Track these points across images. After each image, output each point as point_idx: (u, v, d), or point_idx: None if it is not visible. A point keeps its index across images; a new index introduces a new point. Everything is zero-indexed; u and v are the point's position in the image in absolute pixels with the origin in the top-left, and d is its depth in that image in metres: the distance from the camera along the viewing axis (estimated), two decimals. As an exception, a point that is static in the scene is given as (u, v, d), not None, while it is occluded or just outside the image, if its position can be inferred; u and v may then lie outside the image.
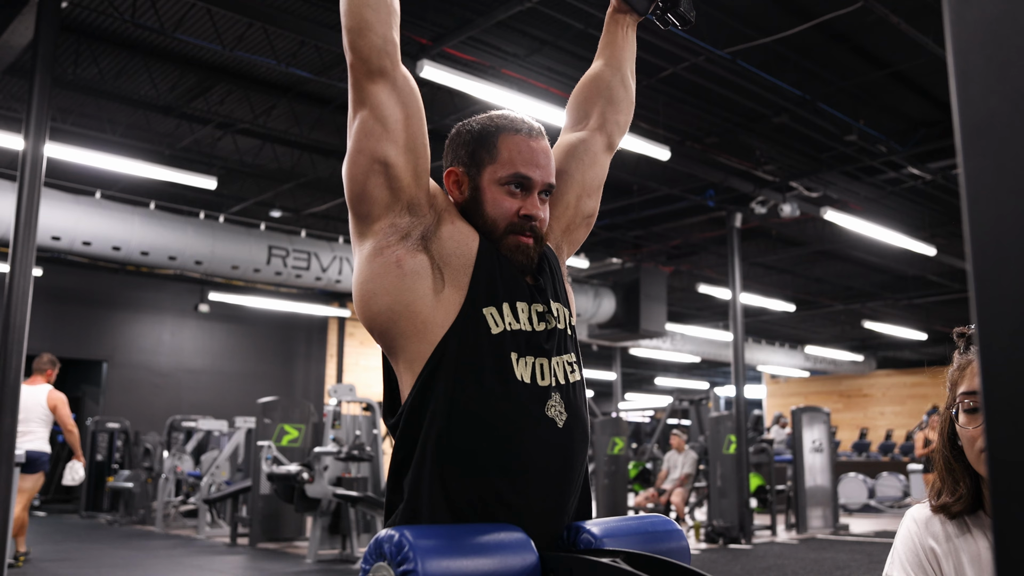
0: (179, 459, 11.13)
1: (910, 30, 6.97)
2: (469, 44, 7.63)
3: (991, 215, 0.54)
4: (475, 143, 1.61)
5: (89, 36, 7.88)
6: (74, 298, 13.94)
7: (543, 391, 1.50)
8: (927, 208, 12.05)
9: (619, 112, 1.87)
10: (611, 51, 1.89)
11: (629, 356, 20.48)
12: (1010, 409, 0.52)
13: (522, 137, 1.59)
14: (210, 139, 10.05)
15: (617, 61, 1.88)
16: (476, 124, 1.64)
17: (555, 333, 1.56)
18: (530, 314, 1.54)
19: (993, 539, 0.52)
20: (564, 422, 1.51)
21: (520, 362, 1.49)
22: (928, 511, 1.45)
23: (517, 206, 1.56)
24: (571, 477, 1.52)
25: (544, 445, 1.47)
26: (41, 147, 5.59)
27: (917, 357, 22.66)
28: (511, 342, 1.49)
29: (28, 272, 5.37)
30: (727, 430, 10.31)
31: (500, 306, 1.50)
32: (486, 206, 1.57)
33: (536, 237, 1.58)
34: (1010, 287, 0.53)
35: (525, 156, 1.58)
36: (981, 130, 0.55)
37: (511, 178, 1.56)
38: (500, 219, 1.56)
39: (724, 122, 9.41)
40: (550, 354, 1.53)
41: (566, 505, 1.52)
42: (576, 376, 1.59)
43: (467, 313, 1.47)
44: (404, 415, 1.47)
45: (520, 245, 1.56)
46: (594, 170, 1.80)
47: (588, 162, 1.79)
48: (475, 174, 1.59)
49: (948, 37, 0.57)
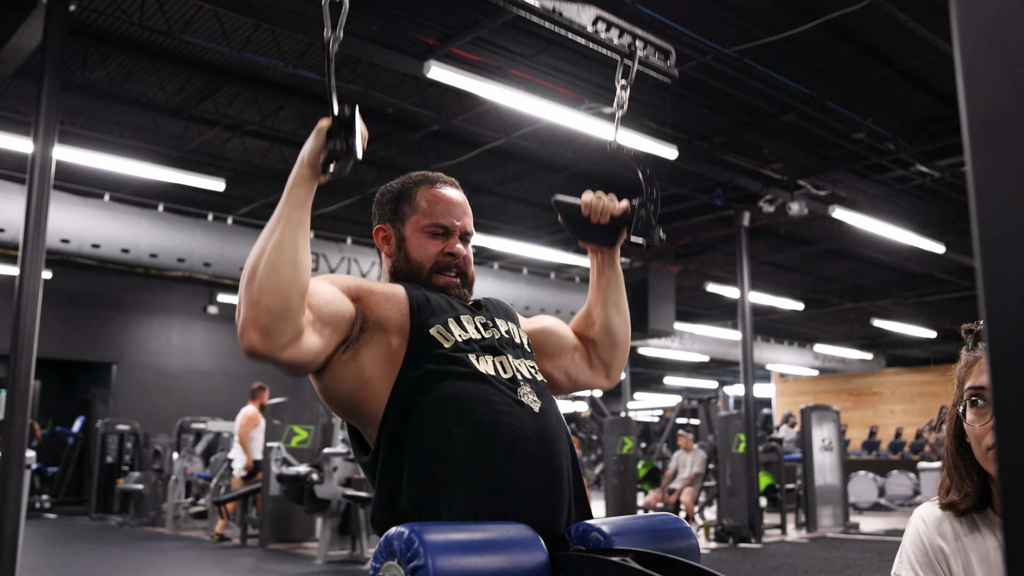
0: (189, 460, 11.16)
1: (918, 28, 6.95)
2: (476, 44, 7.63)
3: (999, 211, 0.54)
4: (397, 200, 1.74)
5: (97, 39, 7.91)
6: (83, 301, 14.00)
7: (511, 379, 1.56)
8: (936, 206, 12.01)
9: (603, 351, 1.91)
10: (593, 290, 1.96)
11: (638, 355, 20.46)
12: (1019, 407, 0.52)
13: (437, 189, 1.74)
14: (218, 141, 10.08)
15: (602, 299, 1.94)
16: (396, 184, 1.78)
17: (507, 341, 1.65)
18: (475, 325, 1.63)
19: (1003, 538, 0.52)
20: (540, 408, 1.55)
21: (480, 360, 1.56)
22: (936, 509, 1.44)
23: (440, 246, 1.70)
24: (559, 464, 1.53)
25: (524, 427, 1.50)
26: (50, 150, 5.61)
27: (926, 355, 22.59)
28: (466, 348, 1.56)
29: (38, 275, 5.39)
30: (736, 429, 10.29)
31: (445, 323, 1.58)
32: (412, 252, 1.70)
33: (461, 275, 1.71)
34: (1019, 284, 0.53)
35: (443, 206, 1.72)
36: (989, 127, 0.55)
37: (432, 226, 1.70)
38: (426, 260, 1.69)
39: (732, 121, 9.39)
40: (506, 353, 1.61)
41: (561, 492, 1.52)
42: (541, 376, 1.67)
43: (416, 338, 1.55)
44: (383, 444, 1.51)
45: (448, 285, 1.68)
46: (562, 355, 1.87)
47: (555, 344, 1.87)
48: (400, 226, 1.72)
49: (955, 34, 0.57)
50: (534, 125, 9.06)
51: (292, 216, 1.43)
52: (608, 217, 1.82)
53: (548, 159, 10.55)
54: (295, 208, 1.44)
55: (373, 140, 10.02)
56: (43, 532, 10.39)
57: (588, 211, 1.82)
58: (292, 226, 1.42)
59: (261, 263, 1.39)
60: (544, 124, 8.92)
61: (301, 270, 1.40)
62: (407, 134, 9.69)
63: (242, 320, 1.38)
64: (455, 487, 1.42)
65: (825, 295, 17.17)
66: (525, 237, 12.44)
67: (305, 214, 1.45)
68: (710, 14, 7.21)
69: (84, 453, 14.25)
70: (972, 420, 1.35)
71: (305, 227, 1.45)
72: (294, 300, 1.38)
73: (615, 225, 1.84)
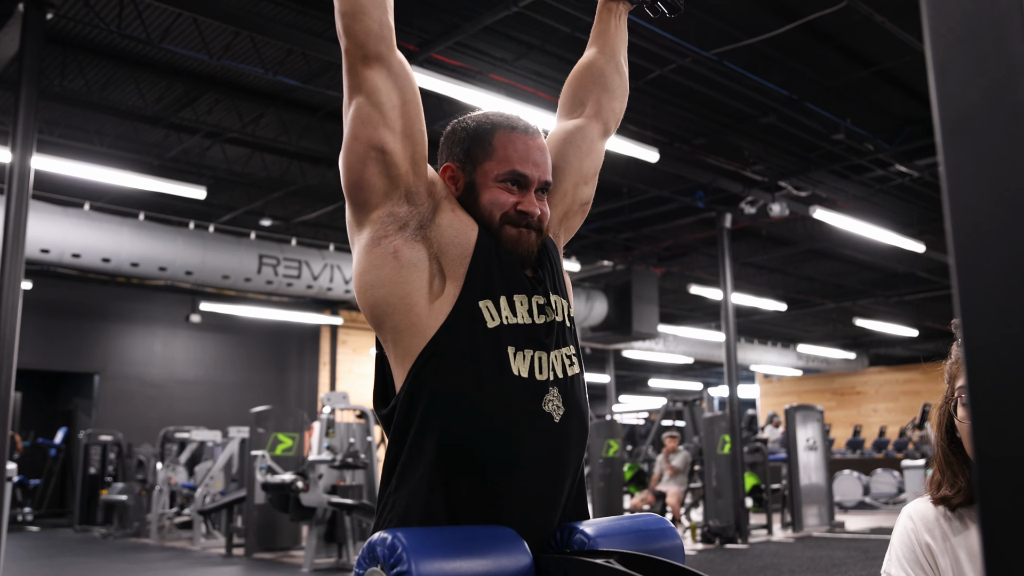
0: (173, 470, 11.09)
1: (894, 29, 7.01)
2: (456, 49, 7.63)
3: (972, 208, 0.54)
4: (471, 140, 1.59)
5: (75, 47, 7.86)
6: (64, 311, 13.89)
7: (540, 385, 1.48)
8: (915, 205, 12.09)
9: (614, 99, 1.85)
10: (604, 39, 1.88)
11: (622, 358, 20.49)
12: (995, 403, 0.52)
13: (518, 134, 1.58)
14: (199, 149, 10.03)
15: (611, 49, 1.87)
16: (472, 121, 1.62)
17: (554, 326, 1.54)
18: (530, 306, 1.52)
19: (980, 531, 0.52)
20: (561, 416, 1.50)
21: (517, 356, 1.47)
22: (924, 507, 1.45)
23: (514, 200, 1.54)
24: (565, 473, 1.51)
25: (538, 439, 1.46)
26: (28, 160, 5.57)
27: (909, 354, 22.72)
28: (508, 336, 1.47)
29: (17, 285, 5.35)
30: (721, 430, 10.32)
31: (497, 299, 1.48)
32: (482, 201, 1.55)
33: (536, 230, 1.56)
34: (992, 280, 0.53)
35: (521, 153, 1.56)
36: (960, 124, 0.56)
37: (507, 175, 1.54)
38: (496, 210, 1.54)
39: (712, 123, 9.43)
40: (549, 348, 1.52)
41: (559, 500, 1.51)
42: (575, 369, 1.57)
43: (462, 306, 1.45)
44: (397, 408, 1.46)
45: (519, 236, 1.54)
46: (591, 157, 1.79)
47: (585, 149, 1.78)
48: (471, 171, 1.57)
49: (926, 32, 0.58)
50: (516, 129, 9.06)
51: None
52: None
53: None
54: None
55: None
56: (26, 545, 10.30)
57: None
58: None
59: None
60: (526, 128, 8.91)
61: None
62: (389, 140, 9.66)
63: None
64: (452, 493, 1.41)
65: (807, 295, 17.26)
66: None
67: None
68: (688, 17, 7.25)
69: (67, 465, 14.14)
70: (964, 417, 1.36)
71: None
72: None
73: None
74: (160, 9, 6.96)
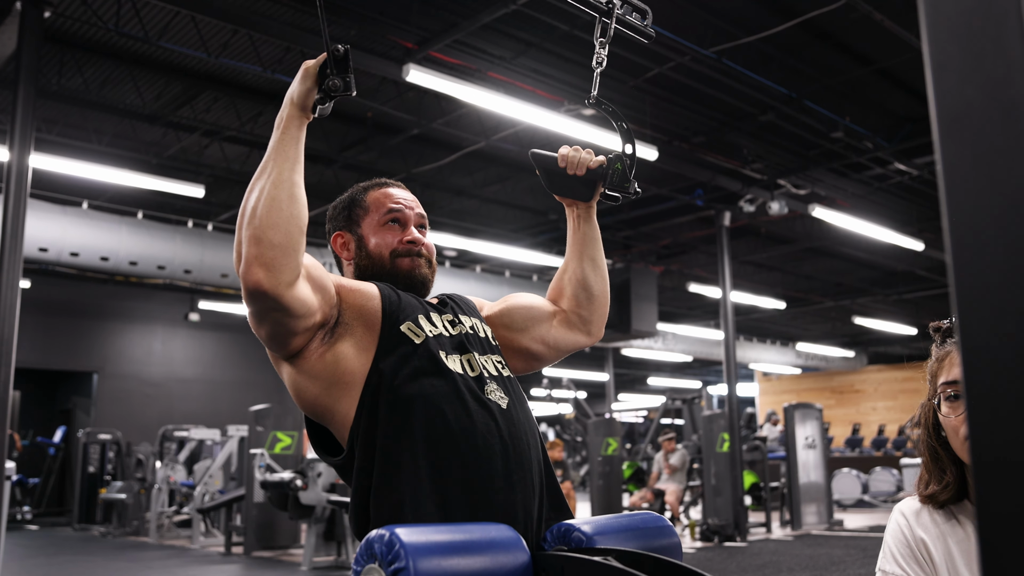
0: (172, 469, 11.08)
1: (893, 27, 7.01)
2: (455, 47, 7.63)
3: (969, 204, 0.54)
4: (349, 206, 1.78)
5: (73, 46, 7.85)
6: (63, 310, 13.88)
7: (478, 378, 1.57)
8: (914, 203, 12.09)
9: (580, 308, 1.89)
10: (569, 247, 1.92)
11: (621, 356, 20.49)
12: (991, 398, 0.52)
13: (387, 188, 1.78)
14: (197, 147, 10.02)
15: (577, 253, 1.90)
16: (344, 195, 1.82)
17: (475, 337, 1.66)
18: (444, 322, 1.64)
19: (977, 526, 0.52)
20: (507, 404, 1.57)
21: (450, 358, 1.57)
22: (915, 504, 1.46)
23: (399, 236, 1.73)
24: (526, 456, 1.55)
25: (491, 424, 1.52)
26: (26, 158, 5.57)
27: (908, 352, 22.74)
28: (435, 344, 1.57)
29: (15, 284, 5.35)
30: (720, 428, 10.32)
31: (416, 319, 1.59)
32: (371, 247, 1.72)
33: (425, 259, 1.73)
34: (989, 276, 0.53)
35: (394, 198, 1.76)
36: (957, 120, 0.56)
37: (386, 215, 1.73)
38: (385, 248, 1.72)
39: (711, 121, 9.43)
40: (473, 351, 1.62)
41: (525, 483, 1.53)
42: (508, 372, 1.68)
43: (388, 335, 1.55)
44: (358, 442, 1.50)
45: (412, 264, 1.71)
46: (543, 326, 1.85)
47: (537, 316, 1.86)
48: (356, 229, 1.75)
49: (923, 29, 0.58)
50: (514, 128, 9.07)
51: (288, 154, 1.46)
52: (584, 169, 1.81)
53: (529, 161, 10.52)
54: (289, 146, 1.47)
55: (352, 144, 10.00)
56: (25, 544, 10.30)
57: (564, 163, 1.82)
58: (289, 163, 1.45)
59: (261, 200, 1.41)
60: (524, 126, 8.92)
61: (301, 205, 1.45)
62: (387, 138, 9.67)
63: (245, 257, 1.39)
64: (422, 486, 1.43)
65: (806, 294, 17.26)
66: (507, 240, 12.44)
67: (300, 152, 1.48)
68: (688, 15, 7.24)
69: (65, 463, 14.13)
70: (947, 412, 1.37)
71: (300, 164, 1.47)
72: (295, 235, 1.42)
73: (591, 179, 1.83)
74: (158, 7, 6.95)
